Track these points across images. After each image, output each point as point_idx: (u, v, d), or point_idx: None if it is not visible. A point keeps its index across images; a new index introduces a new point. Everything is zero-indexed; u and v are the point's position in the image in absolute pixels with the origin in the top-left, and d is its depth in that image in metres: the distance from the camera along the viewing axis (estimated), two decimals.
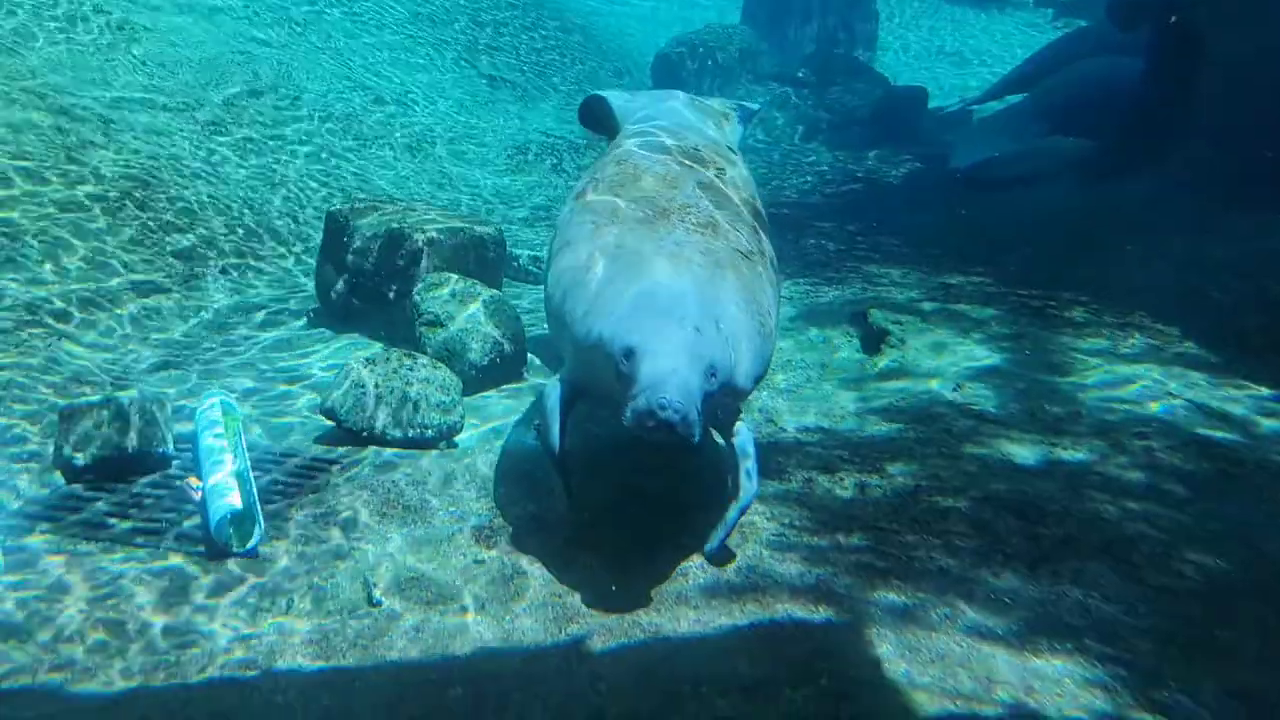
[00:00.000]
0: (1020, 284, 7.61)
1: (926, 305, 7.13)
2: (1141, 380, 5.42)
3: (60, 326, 5.28)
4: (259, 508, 3.74)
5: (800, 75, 16.31)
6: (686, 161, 4.27)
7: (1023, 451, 4.64)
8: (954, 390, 5.51)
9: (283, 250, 7.15)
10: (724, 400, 3.44)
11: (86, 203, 6.31)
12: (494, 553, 3.70)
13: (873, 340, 6.39)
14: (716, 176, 4.24)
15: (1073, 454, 4.58)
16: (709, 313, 3.35)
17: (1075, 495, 4.16)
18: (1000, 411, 5.17)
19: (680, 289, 3.39)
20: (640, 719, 2.77)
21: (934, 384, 5.61)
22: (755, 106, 6.09)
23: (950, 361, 6.02)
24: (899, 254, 8.97)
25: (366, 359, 4.85)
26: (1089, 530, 3.86)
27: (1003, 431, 4.88)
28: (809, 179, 12.78)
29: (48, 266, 5.67)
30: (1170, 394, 5.19)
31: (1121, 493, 4.18)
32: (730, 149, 4.88)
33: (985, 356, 6.02)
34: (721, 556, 3.62)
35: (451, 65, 13.10)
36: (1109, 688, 2.90)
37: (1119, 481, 4.29)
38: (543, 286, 4.34)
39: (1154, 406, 5.06)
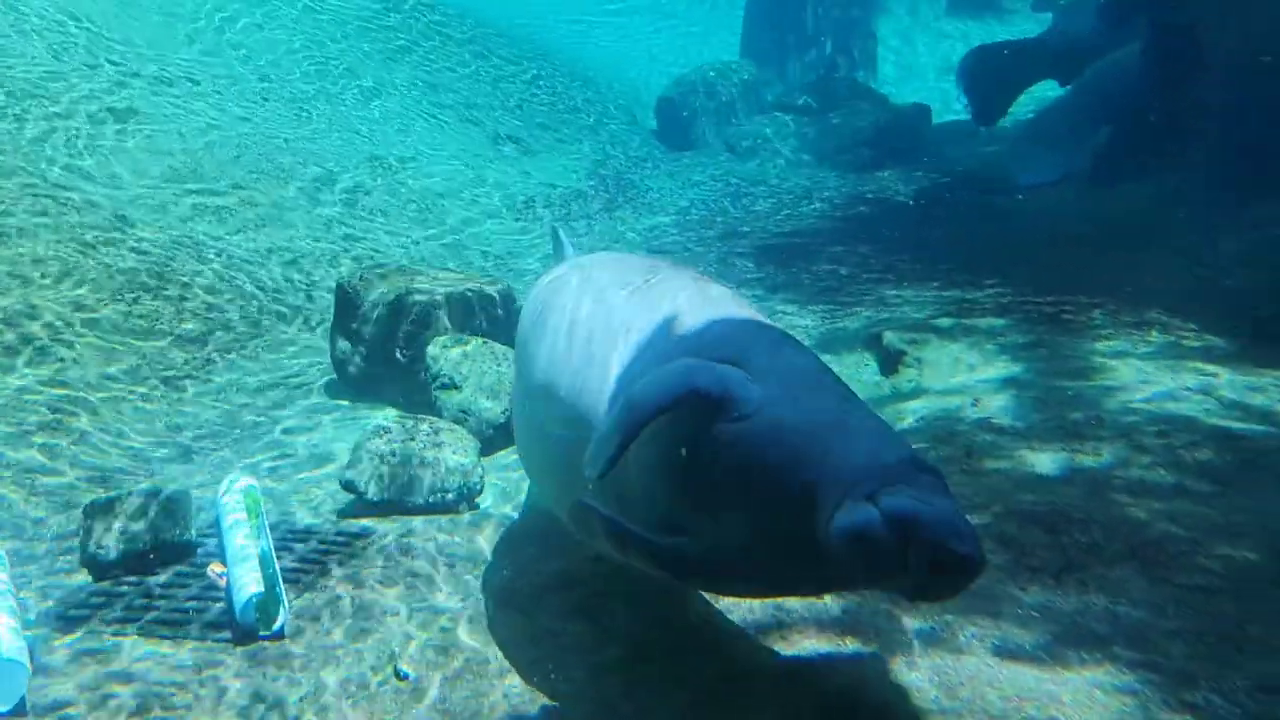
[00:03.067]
0: (1034, 291, 7.56)
1: (942, 321, 7.10)
2: (1160, 378, 5.35)
3: (78, 422, 5.40)
4: (282, 589, 3.78)
5: (802, 103, 16.44)
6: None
7: (1045, 461, 4.58)
8: (973, 405, 5.47)
9: (297, 326, 7.29)
10: None
11: (99, 293, 6.48)
12: (522, 615, 3.71)
13: (889, 362, 6.37)
14: None
15: (1095, 459, 4.52)
16: None
17: (1099, 500, 4.11)
18: (1020, 423, 5.13)
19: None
20: None
21: (953, 401, 5.57)
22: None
23: (968, 377, 5.99)
24: (911, 272, 8.96)
25: (382, 427, 4.92)
26: (1114, 535, 3.80)
27: (1024, 443, 4.83)
28: (818, 205, 12.82)
29: (62, 359, 5.83)
30: (1189, 389, 5.12)
31: (1146, 493, 4.12)
32: None
33: (1003, 368, 5.98)
34: None
35: (455, 126, 13.34)
36: (1139, 694, 2.84)
37: (1143, 482, 4.23)
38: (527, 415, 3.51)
39: (1174, 404, 4.99)
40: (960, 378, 5.90)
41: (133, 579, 4.00)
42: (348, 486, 4.67)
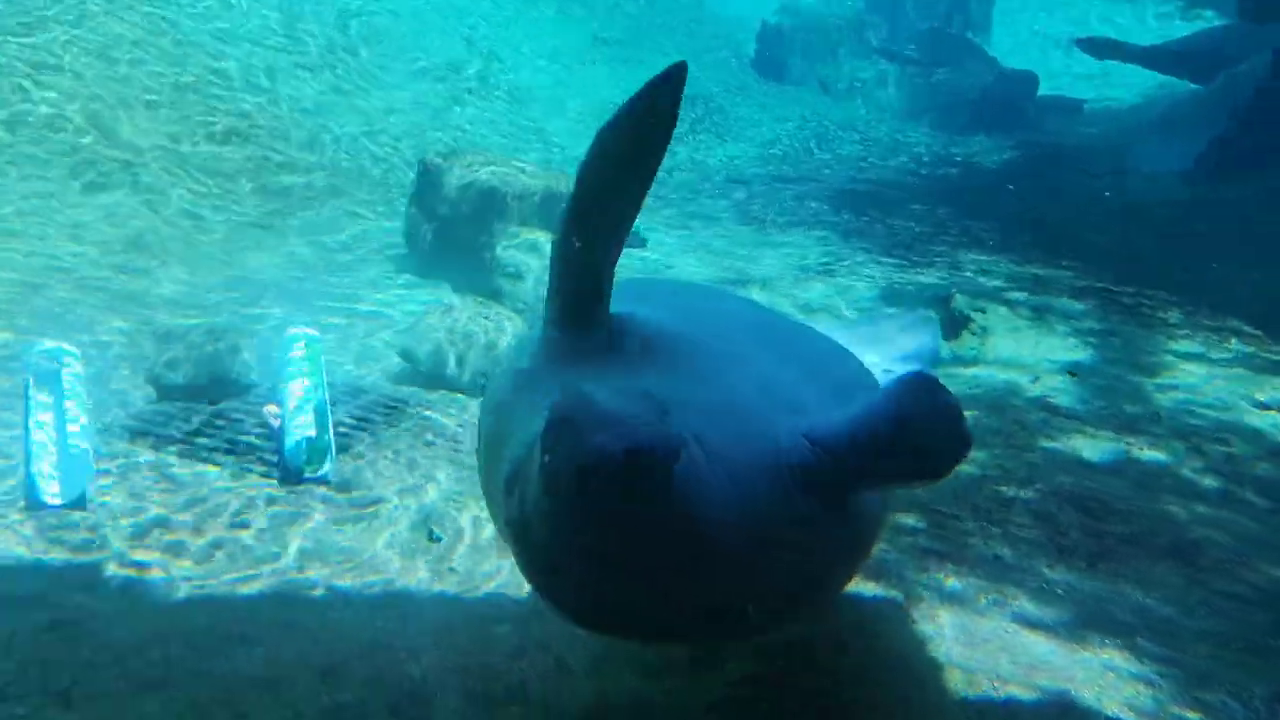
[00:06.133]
0: (1114, 280, 7.37)
1: (1014, 294, 6.98)
2: (1231, 387, 5.23)
3: (158, 251, 5.54)
4: (332, 438, 3.90)
5: (908, 53, 15.95)
6: None
7: (1095, 448, 4.53)
8: (1032, 382, 5.40)
9: (377, 196, 7.35)
10: None
11: (193, 131, 6.58)
12: None
13: (954, 326, 6.29)
14: None
15: (1148, 454, 4.46)
16: None
17: (1145, 495, 4.06)
18: (1078, 407, 5.06)
19: None
20: (682, 664, 2.83)
21: (1012, 374, 5.50)
22: None
23: (1032, 353, 5.90)
24: (989, 241, 8.76)
25: (446, 305, 4.98)
26: (1155, 531, 3.76)
27: (1077, 427, 4.78)
28: (904, 159, 12.54)
29: (157, 196, 5.95)
30: (1261, 404, 5.00)
31: (1195, 497, 4.06)
32: None
33: (1069, 351, 5.88)
34: None
35: (555, 21, 13.16)
36: (1154, 684, 2.85)
37: (1194, 486, 4.17)
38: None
39: (1240, 415, 4.89)
40: (1024, 353, 5.82)
41: (193, 405, 4.15)
42: (405, 355, 4.76)
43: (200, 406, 4.15)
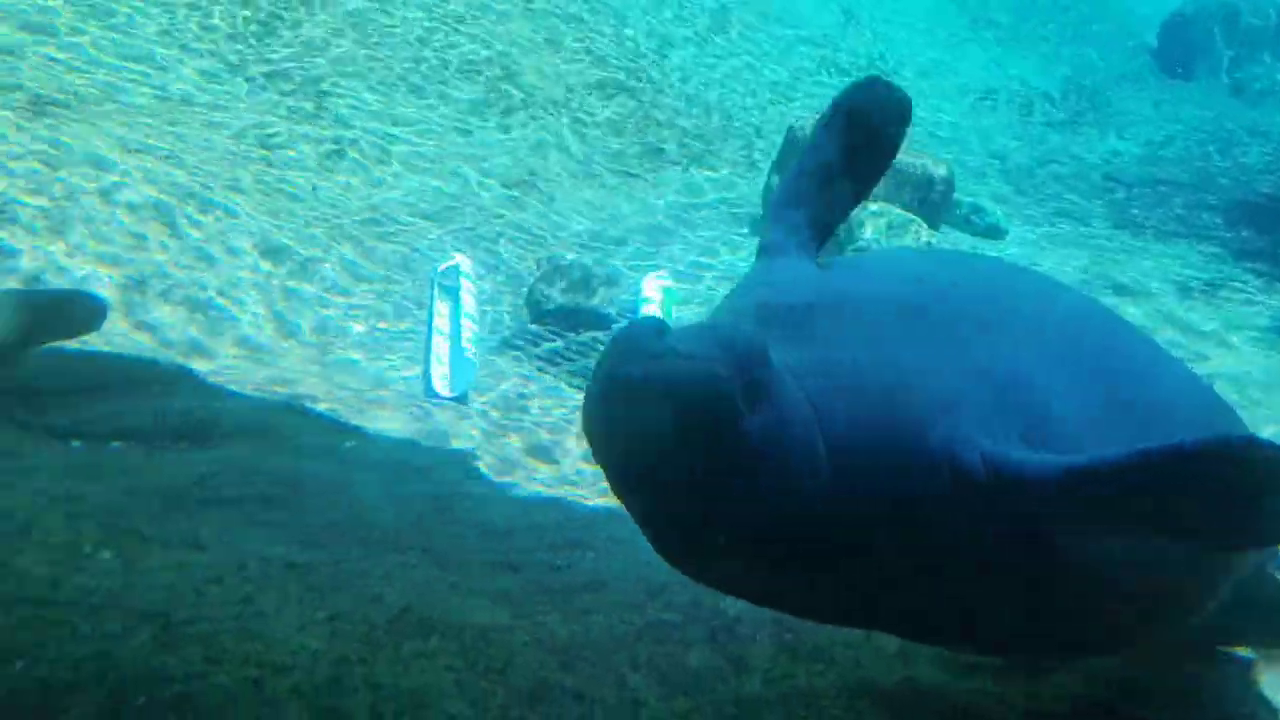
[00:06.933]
0: None
1: None
2: None
3: (546, 186, 6.12)
4: None
5: None
6: None
7: None
8: None
9: (740, 156, 7.59)
10: None
11: (589, 87, 7.14)
12: None
13: None
14: None
15: None
16: None
17: None
18: None
19: None
20: (990, 669, 2.75)
21: None
22: None
23: None
24: None
25: None
26: None
27: None
28: None
29: (549, 137, 6.56)
30: None
31: None
32: None
33: None
34: None
35: None
36: None
37: None
38: None
39: None
40: None
41: (560, 331, 4.60)
42: None
43: (567, 333, 4.58)
